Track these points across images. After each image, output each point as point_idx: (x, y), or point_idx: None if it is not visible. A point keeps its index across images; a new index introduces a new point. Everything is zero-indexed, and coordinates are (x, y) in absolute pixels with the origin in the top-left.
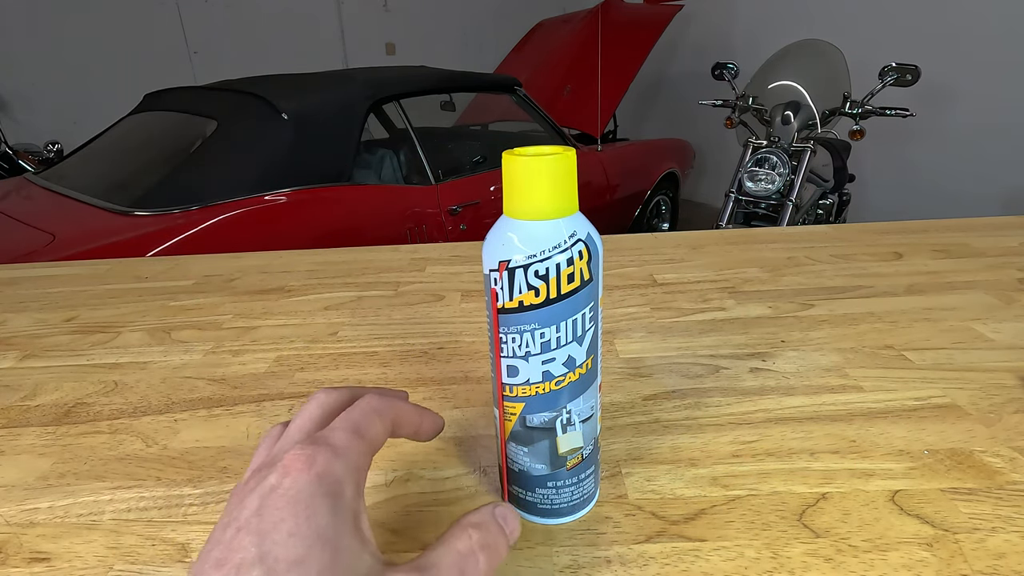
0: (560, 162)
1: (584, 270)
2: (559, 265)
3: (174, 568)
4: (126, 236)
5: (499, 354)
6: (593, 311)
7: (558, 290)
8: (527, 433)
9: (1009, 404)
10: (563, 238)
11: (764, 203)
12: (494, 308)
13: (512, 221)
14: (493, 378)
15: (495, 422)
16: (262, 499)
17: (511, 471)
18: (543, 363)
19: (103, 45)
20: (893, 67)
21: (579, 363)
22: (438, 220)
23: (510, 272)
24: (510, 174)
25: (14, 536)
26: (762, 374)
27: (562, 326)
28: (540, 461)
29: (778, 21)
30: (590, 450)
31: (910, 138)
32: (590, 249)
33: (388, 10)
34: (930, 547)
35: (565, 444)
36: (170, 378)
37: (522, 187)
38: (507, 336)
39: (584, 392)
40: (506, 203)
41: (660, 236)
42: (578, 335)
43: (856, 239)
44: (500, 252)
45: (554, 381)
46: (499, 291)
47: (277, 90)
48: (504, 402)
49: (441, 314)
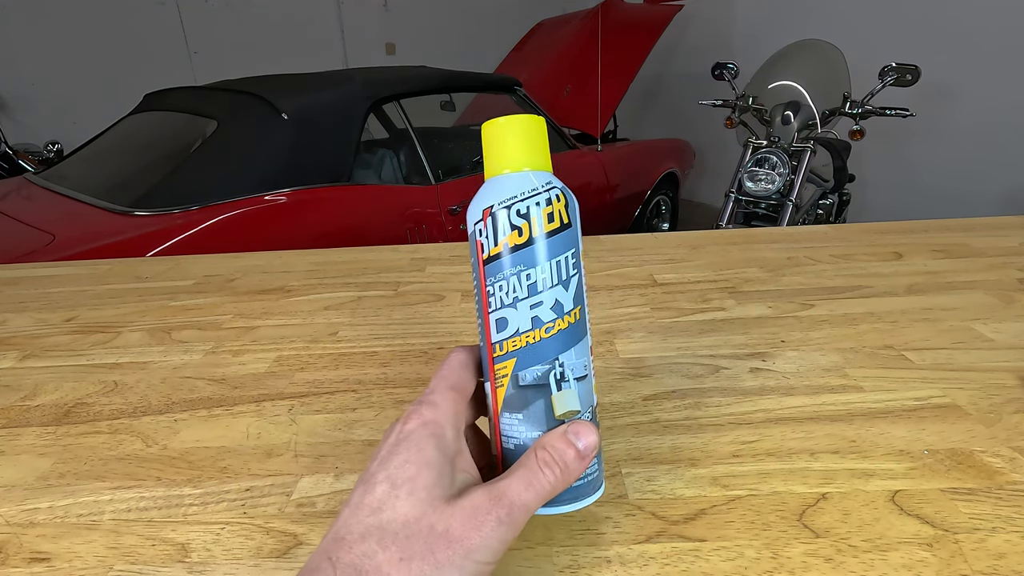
0: (530, 121)
1: (563, 213)
2: (539, 203)
3: (174, 568)
4: (126, 236)
5: (487, 311)
6: (576, 259)
7: (539, 229)
8: (520, 395)
9: (1009, 404)
10: (540, 184)
11: (764, 203)
12: (480, 261)
13: (492, 179)
14: (483, 348)
15: (487, 402)
16: (390, 441)
17: (506, 452)
18: (531, 308)
19: (103, 45)
20: (893, 67)
21: (567, 309)
22: (438, 220)
23: (494, 216)
24: (488, 137)
25: (14, 536)
26: (762, 374)
27: (547, 266)
28: (536, 427)
29: (778, 21)
30: (588, 418)
31: (910, 138)
32: (566, 196)
33: (388, 10)
34: (930, 547)
35: (561, 404)
36: (170, 378)
37: (499, 145)
38: (494, 286)
39: (576, 344)
40: (487, 167)
41: (660, 236)
42: (563, 278)
43: (856, 239)
44: (483, 201)
45: (544, 328)
46: (484, 241)
47: (277, 90)
48: (495, 366)
49: (441, 314)
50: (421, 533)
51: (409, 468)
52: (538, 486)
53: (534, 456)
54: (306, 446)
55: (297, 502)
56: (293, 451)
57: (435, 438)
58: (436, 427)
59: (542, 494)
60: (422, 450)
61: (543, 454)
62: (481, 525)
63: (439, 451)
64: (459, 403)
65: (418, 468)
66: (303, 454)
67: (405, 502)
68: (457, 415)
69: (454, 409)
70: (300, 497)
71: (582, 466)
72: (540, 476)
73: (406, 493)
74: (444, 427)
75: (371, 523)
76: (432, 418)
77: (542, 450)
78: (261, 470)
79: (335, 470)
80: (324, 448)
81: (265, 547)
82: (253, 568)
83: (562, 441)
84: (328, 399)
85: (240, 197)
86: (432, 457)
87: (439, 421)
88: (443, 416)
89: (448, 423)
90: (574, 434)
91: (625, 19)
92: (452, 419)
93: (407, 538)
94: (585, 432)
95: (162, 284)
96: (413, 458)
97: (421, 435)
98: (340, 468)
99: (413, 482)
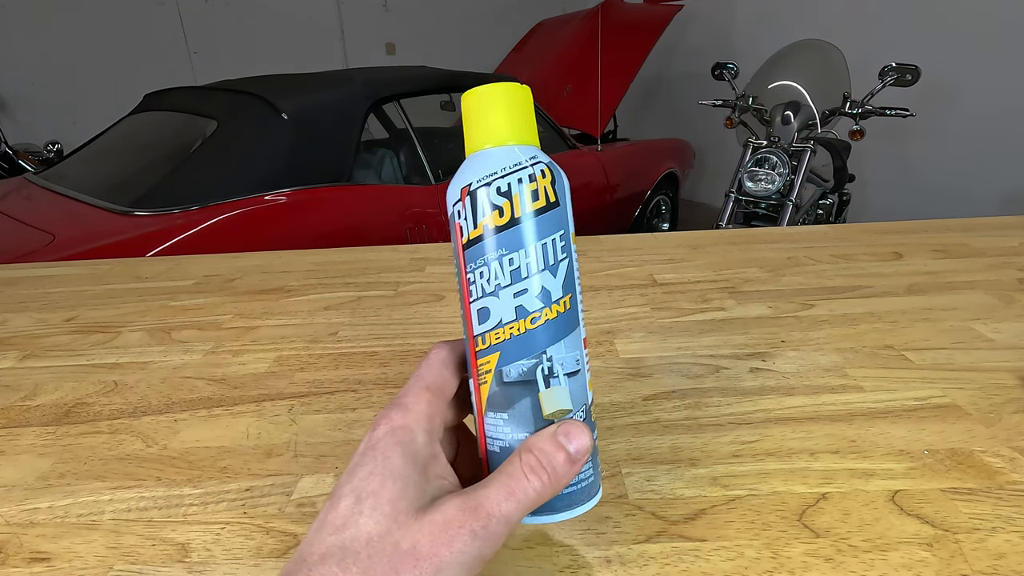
0: (514, 90)
1: (548, 190)
2: (522, 180)
3: (174, 568)
4: (126, 236)
5: (467, 301)
6: (565, 241)
7: (523, 208)
8: (505, 393)
9: (1009, 404)
10: (523, 158)
11: (764, 203)
12: (460, 246)
13: (473, 155)
14: (465, 341)
15: (471, 400)
16: (359, 450)
17: (491, 455)
18: (515, 296)
19: (103, 45)
20: (893, 67)
21: (555, 297)
22: (438, 220)
23: (473, 196)
24: (468, 109)
25: (14, 536)
26: (762, 374)
27: (531, 250)
28: (523, 428)
29: (778, 21)
30: (582, 418)
31: (910, 138)
32: (553, 172)
33: (388, 10)
34: (930, 547)
35: (550, 402)
36: (170, 378)
37: (479, 117)
38: (475, 273)
39: (565, 337)
40: (468, 142)
41: (660, 236)
42: (550, 263)
43: (856, 239)
44: (461, 180)
45: (529, 318)
46: (463, 223)
47: (277, 90)
48: (477, 360)
49: (441, 314)
50: (385, 552)
51: (373, 480)
52: (520, 494)
53: (518, 460)
54: (306, 446)
55: (297, 502)
56: (293, 451)
57: (402, 445)
58: (405, 433)
59: (525, 503)
60: (388, 459)
61: (528, 458)
62: (452, 540)
63: (407, 460)
64: (434, 404)
65: (383, 480)
66: (303, 454)
67: (369, 518)
68: (431, 418)
69: (427, 412)
70: (300, 497)
71: (573, 471)
72: (524, 483)
73: (370, 508)
74: (414, 432)
75: (333, 542)
76: (401, 423)
77: (528, 453)
78: (261, 470)
79: (335, 470)
80: (324, 448)
81: (265, 547)
82: (253, 568)
83: (550, 443)
84: (328, 399)
85: (240, 197)
86: (398, 467)
87: (408, 426)
88: (413, 420)
89: (419, 427)
90: (564, 435)
91: (625, 19)
92: (424, 423)
93: (369, 558)
94: (577, 433)
95: (162, 284)
96: (378, 469)
97: (388, 443)
98: (340, 468)
99: (377, 496)
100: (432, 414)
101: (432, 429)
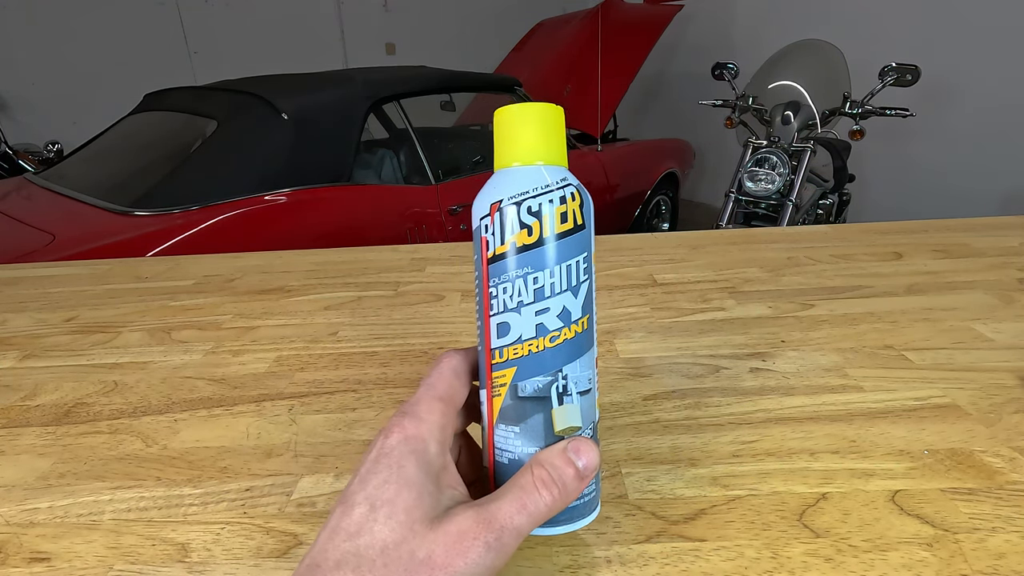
0: (549, 110)
1: (577, 213)
2: (552, 201)
3: (174, 568)
4: (126, 236)
5: (488, 313)
6: (587, 263)
7: (551, 229)
8: (518, 407)
9: (1009, 404)
10: (554, 180)
11: (764, 203)
12: (484, 259)
13: (503, 170)
14: (481, 352)
15: (481, 410)
16: (371, 457)
17: (499, 466)
18: (536, 314)
19: (103, 45)
20: (893, 67)
21: (575, 318)
22: (438, 220)
23: (502, 212)
24: (501, 125)
25: (14, 536)
26: (762, 374)
27: (556, 271)
28: (533, 442)
29: (778, 21)
30: (589, 435)
31: (910, 137)
32: (582, 195)
33: (388, 10)
34: (930, 547)
35: (562, 420)
36: (170, 378)
37: (514, 134)
38: (498, 288)
39: (581, 356)
40: (497, 157)
41: (660, 236)
42: (572, 284)
43: (856, 239)
44: (491, 195)
45: (548, 337)
46: (490, 238)
47: (277, 90)
48: (493, 373)
49: (441, 314)
50: (401, 560)
51: (389, 489)
52: (532, 508)
53: (530, 474)
54: (306, 446)
55: (297, 502)
56: (293, 451)
57: (416, 455)
58: (418, 442)
59: (536, 517)
60: (403, 468)
61: (540, 472)
62: (467, 551)
63: (421, 469)
64: (446, 415)
65: (398, 488)
66: (303, 454)
67: (384, 526)
68: (443, 428)
69: (440, 422)
70: (300, 497)
71: (581, 487)
72: (536, 497)
73: (385, 516)
74: (427, 442)
75: (347, 549)
76: (415, 432)
77: (539, 468)
78: (261, 470)
79: (335, 470)
80: (324, 448)
81: (265, 547)
82: (253, 568)
83: (561, 459)
84: (328, 399)
85: (240, 197)
86: (413, 476)
87: (422, 436)
88: (427, 430)
89: (432, 437)
90: (574, 452)
91: (625, 19)
92: (437, 433)
93: (385, 566)
94: (586, 450)
95: (162, 284)
96: (393, 477)
97: (402, 451)
98: (340, 468)
99: (393, 504)
100: (444, 424)
101: (444, 439)
